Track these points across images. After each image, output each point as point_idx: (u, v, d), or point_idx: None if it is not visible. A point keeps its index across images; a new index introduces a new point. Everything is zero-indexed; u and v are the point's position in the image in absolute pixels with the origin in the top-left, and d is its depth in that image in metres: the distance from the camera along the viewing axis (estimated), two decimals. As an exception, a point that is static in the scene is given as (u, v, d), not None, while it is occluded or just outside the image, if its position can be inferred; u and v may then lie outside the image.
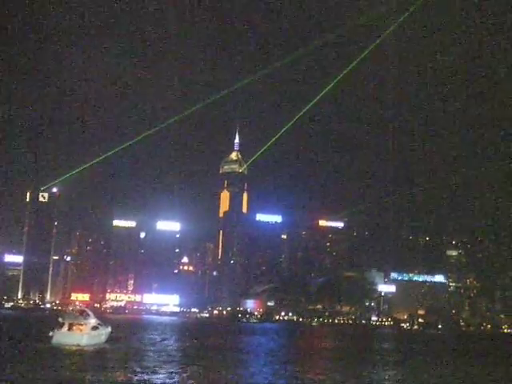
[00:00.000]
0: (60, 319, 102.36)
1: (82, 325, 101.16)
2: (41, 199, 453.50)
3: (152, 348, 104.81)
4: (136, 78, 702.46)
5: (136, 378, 61.93)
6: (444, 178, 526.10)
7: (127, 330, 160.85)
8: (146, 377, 62.75)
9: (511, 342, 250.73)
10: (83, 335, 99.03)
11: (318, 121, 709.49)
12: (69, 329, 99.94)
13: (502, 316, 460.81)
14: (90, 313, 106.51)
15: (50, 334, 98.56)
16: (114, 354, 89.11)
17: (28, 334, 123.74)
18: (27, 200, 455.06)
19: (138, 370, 68.94)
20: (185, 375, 64.64)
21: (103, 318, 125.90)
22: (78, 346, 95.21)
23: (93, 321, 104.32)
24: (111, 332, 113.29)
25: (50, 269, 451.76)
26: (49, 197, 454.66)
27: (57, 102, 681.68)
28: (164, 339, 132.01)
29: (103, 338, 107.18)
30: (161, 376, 64.04)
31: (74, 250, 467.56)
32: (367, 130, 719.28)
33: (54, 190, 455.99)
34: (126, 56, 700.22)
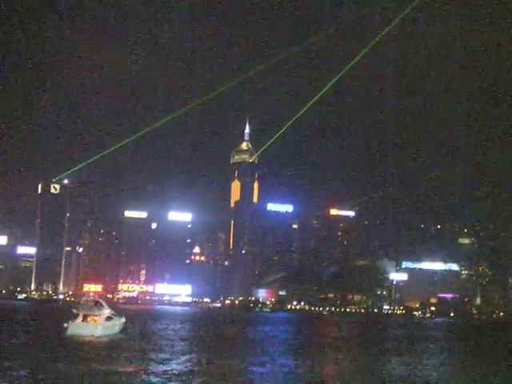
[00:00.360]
0: (74, 310, 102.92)
1: (96, 315, 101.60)
2: (53, 191, 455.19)
3: (165, 338, 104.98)
4: (147, 68, 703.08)
5: (150, 368, 62.13)
6: (456, 166, 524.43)
7: (140, 321, 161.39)
8: (159, 368, 62.95)
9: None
10: (97, 326, 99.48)
11: (329, 109, 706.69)
12: (83, 320, 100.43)
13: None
14: (103, 303, 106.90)
15: (65, 325, 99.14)
16: (129, 344, 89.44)
17: (43, 326, 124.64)
18: (39, 192, 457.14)
19: (153, 360, 69.19)
20: (196, 368, 64.58)
21: (116, 308, 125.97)
22: (93, 336, 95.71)
23: (107, 311, 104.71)
24: (125, 322, 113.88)
25: (63, 260, 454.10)
26: (60, 188, 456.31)
27: (70, 94, 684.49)
28: (176, 330, 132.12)
29: (117, 329, 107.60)
30: (174, 366, 64.13)
31: (86, 241, 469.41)
32: (379, 119, 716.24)
33: (66, 181, 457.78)
34: (137, 46, 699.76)
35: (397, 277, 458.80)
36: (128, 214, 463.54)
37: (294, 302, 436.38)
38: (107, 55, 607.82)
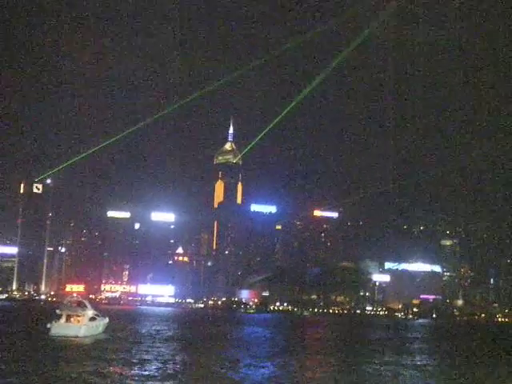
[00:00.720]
0: (58, 311, 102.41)
1: (79, 316, 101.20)
2: (35, 190, 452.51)
3: (148, 339, 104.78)
4: (130, 70, 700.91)
5: (132, 369, 61.95)
6: (438, 169, 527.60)
7: (123, 321, 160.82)
8: (140, 368, 62.77)
9: (502, 330, 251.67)
10: (81, 326, 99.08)
11: (312, 111, 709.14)
12: (66, 320, 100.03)
13: (496, 305, 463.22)
14: (87, 304, 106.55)
15: (48, 325, 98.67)
16: (112, 344, 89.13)
17: (26, 326, 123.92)
18: (21, 191, 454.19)
19: (135, 361, 69.01)
20: (178, 367, 64.46)
21: (99, 309, 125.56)
22: (77, 336, 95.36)
23: (90, 312, 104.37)
24: (108, 323, 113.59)
25: (45, 260, 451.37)
26: (43, 188, 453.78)
27: (52, 94, 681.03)
28: (159, 330, 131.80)
29: (101, 329, 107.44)
30: (154, 367, 63.94)
31: (68, 241, 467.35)
32: (362, 120, 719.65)
33: (48, 181, 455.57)
34: (120, 49, 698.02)
35: (380, 278, 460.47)
36: (111, 214, 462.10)
37: (277, 303, 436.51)
38: (93, 55, 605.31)
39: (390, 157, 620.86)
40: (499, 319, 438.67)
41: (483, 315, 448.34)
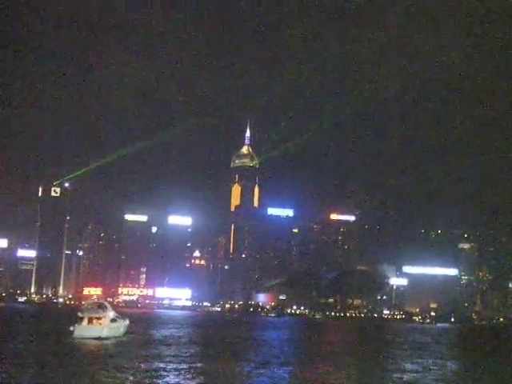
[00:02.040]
0: (79, 313, 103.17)
1: (100, 318, 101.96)
2: (53, 194, 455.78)
3: (167, 342, 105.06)
4: (148, 75, 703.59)
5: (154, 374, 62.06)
6: (456, 172, 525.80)
7: (142, 325, 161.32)
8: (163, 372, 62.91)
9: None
10: (103, 328, 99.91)
11: (329, 114, 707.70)
12: (88, 322, 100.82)
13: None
14: (108, 306, 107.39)
15: (71, 328, 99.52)
16: (134, 346, 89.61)
17: (49, 329, 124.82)
18: (40, 195, 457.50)
19: (159, 365, 69.14)
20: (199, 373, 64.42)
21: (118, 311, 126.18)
22: (99, 338, 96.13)
23: (111, 313, 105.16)
24: (129, 325, 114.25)
25: (63, 263, 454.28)
26: (61, 191, 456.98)
27: (72, 99, 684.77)
28: (179, 335, 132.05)
29: (122, 331, 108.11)
30: (176, 372, 63.90)
31: (86, 245, 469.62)
32: (380, 123, 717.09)
33: (67, 184, 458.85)
34: (138, 53, 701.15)
35: (397, 282, 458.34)
36: (128, 217, 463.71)
37: (294, 307, 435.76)
38: (112, 60, 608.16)
39: (408, 159, 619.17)
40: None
41: (501, 319, 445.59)
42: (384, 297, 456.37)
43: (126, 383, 54.04)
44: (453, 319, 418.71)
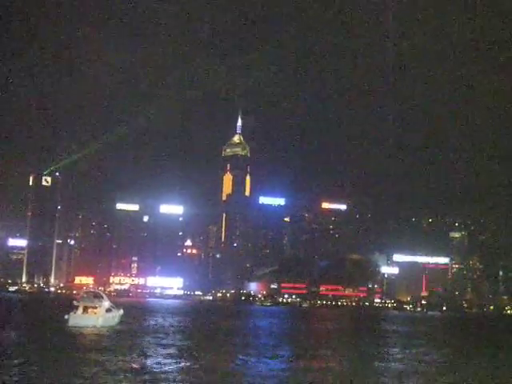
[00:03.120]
0: (75, 302, 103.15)
1: (96, 307, 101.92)
2: (44, 183, 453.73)
3: (161, 331, 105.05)
4: (139, 62, 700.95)
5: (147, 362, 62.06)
6: (447, 161, 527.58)
7: (135, 313, 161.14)
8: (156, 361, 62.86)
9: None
10: (98, 317, 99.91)
11: (320, 102, 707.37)
12: (83, 311, 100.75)
13: (505, 297, 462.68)
14: (103, 295, 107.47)
15: (66, 316, 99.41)
16: (129, 335, 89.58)
17: (43, 317, 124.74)
18: (30, 184, 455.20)
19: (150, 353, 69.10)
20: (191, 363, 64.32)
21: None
22: (94, 327, 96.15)
23: (106, 303, 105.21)
24: (123, 314, 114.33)
25: (54, 252, 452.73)
26: (52, 181, 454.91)
27: (61, 86, 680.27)
28: (171, 324, 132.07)
29: (116, 320, 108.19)
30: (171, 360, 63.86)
31: (77, 234, 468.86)
32: (370, 112, 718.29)
33: (57, 173, 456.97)
34: (128, 41, 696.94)
35: (388, 270, 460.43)
36: (120, 206, 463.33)
37: (286, 295, 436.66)
38: (100, 46, 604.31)
39: (400, 149, 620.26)
40: (508, 311, 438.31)
41: (492, 307, 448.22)
42: (375, 285, 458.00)
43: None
44: (444, 308, 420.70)
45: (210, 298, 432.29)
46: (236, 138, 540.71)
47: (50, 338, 78.28)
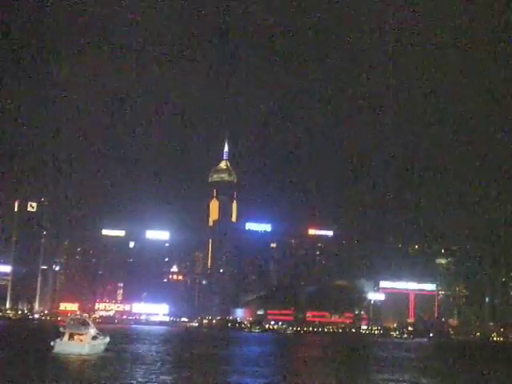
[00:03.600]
0: (61, 329, 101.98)
1: (82, 334, 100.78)
2: (29, 209, 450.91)
3: (148, 358, 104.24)
4: (127, 85, 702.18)
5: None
6: (432, 187, 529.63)
7: (120, 341, 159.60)
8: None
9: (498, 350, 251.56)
10: (84, 345, 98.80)
11: (306, 129, 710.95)
12: (69, 338, 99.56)
13: (491, 324, 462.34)
14: (90, 322, 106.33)
15: (52, 343, 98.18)
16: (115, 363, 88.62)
17: (29, 344, 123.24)
18: (15, 209, 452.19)
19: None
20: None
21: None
22: (80, 355, 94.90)
23: (93, 330, 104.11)
24: (109, 342, 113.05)
25: (39, 278, 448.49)
26: (37, 206, 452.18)
27: (45, 111, 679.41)
28: (158, 351, 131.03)
29: (102, 348, 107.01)
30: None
31: (62, 260, 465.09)
32: (357, 137, 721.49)
33: (43, 199, 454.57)
34: (114, 66, 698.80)
35: (374, 297, 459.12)
36: (105, 232, 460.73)
37: (272, 322, 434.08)
38: (85, 68, 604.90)
39: (385, 175, 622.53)
40: (494, 338, 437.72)
41: (478, 334, 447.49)
42: (362, 312, 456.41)
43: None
44: (431, 334, 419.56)
45: (196, 324, 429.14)
46: (223, 164, 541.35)
47: (33, 366, 77.20)
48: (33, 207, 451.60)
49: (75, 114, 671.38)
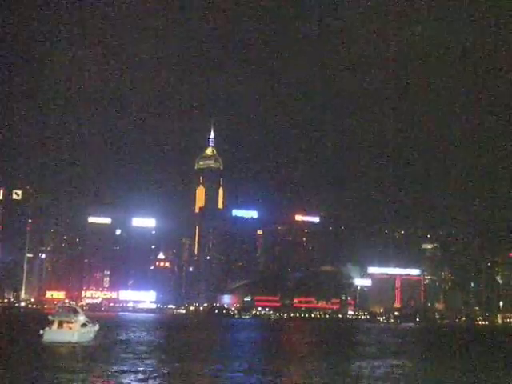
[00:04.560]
0: (50, 317, 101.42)
1: (71, 322, 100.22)
2: (14, 197, 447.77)
3: (138, 345, 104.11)
4: (114, 72, 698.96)
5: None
6: (419, 173, 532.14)
7: (107, 328, 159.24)
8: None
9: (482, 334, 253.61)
10: (74, 332, 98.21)
11: (293, 115, 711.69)
12: (58, 326, 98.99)
13: (477, 308, 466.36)
14: (79, 310, 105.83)
15: (41, 332, 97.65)
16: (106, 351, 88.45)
17: (18, 333, 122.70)
18: (0, 198, 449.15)
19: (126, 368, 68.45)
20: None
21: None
22: (70, 343, 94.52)
23: (82, 318, 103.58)
24: (98, 329, 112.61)
25: (25, 267, 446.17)
26: (22, 194, 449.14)
27: (33, 98, 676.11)
28: (147, 338, 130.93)
29: (92, 336, 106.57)
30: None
31: (48, 248, 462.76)
32: (343, 124, 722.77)
33: (28, 187, 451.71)
34: (104, 49, 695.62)
35: (361, 282, 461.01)
36: (92, 220, 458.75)
37: (259, 308, 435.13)
38: (73, 60, 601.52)
39: (372, 161, 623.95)
40: (479, 322, 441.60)
41: (464, 318, 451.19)
42: (348, 297, 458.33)
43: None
44: (417, 319, 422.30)
45: (183, 311, 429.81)
46: (209, 151, 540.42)
47: (22, 355, 76.85)
48: (18, 195, 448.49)
49: (59, 102, 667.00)
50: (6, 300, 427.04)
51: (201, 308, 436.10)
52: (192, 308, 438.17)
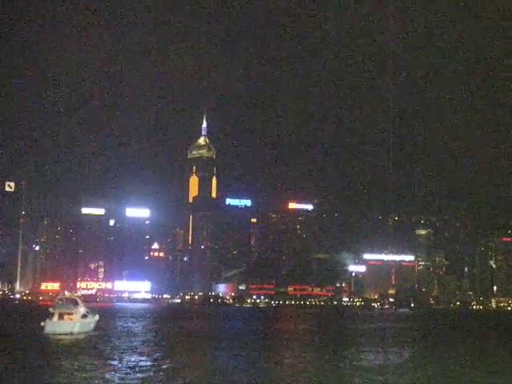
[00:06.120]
0: (50, 309, 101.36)
1: (72, 313, 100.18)
2: (7, 189, 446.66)
3: (137, 336, 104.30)
4: (108, 61, 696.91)
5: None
6: (413, 159, 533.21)
7: (105, 319, 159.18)
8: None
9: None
10: (74, 324, 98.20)
11: (286, 103, 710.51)
12: (59, 318, 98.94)
13: (471, 293, 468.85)
14: (79, 301, 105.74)
15: (42, 323, 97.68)
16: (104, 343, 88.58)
17: (19, 325, 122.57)
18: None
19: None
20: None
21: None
22: (71, 334, 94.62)
23: (82, 309, 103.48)
24: (99, 320, 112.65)
25: (19, 258, 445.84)
26: (15, 186, 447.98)
27: (27, 90, 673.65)
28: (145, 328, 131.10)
29: (92, 326, 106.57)
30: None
31: (42, 239, 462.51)
32: (336, 112, 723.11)
33: (21, 179, 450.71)
34: (98, 37, 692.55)
35: (356, 269, 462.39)
36: (85, 210, 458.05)
37: (254, 296, 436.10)
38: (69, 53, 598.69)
39: (366, 149, 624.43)
40: (474, 307, 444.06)
41: (458, 303, 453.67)
42: (343, 284, 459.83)
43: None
44: (412, 304, 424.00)
45: (179, 300, 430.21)
46: (201, 140, 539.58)
47: (26, 347, 76.90)
48: (11, 187, 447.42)
49: (52, 93, 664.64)
50: (0, 292, 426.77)
51: (196, 297, 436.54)
52: (187, 297, 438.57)
